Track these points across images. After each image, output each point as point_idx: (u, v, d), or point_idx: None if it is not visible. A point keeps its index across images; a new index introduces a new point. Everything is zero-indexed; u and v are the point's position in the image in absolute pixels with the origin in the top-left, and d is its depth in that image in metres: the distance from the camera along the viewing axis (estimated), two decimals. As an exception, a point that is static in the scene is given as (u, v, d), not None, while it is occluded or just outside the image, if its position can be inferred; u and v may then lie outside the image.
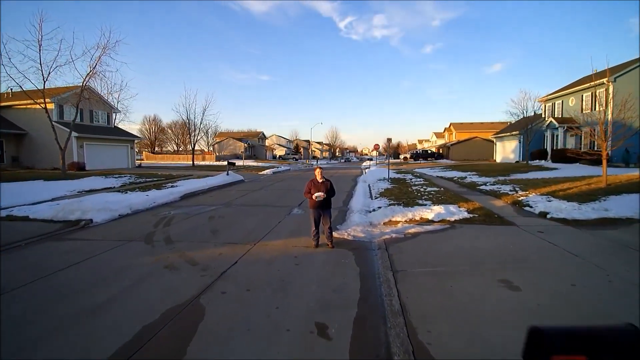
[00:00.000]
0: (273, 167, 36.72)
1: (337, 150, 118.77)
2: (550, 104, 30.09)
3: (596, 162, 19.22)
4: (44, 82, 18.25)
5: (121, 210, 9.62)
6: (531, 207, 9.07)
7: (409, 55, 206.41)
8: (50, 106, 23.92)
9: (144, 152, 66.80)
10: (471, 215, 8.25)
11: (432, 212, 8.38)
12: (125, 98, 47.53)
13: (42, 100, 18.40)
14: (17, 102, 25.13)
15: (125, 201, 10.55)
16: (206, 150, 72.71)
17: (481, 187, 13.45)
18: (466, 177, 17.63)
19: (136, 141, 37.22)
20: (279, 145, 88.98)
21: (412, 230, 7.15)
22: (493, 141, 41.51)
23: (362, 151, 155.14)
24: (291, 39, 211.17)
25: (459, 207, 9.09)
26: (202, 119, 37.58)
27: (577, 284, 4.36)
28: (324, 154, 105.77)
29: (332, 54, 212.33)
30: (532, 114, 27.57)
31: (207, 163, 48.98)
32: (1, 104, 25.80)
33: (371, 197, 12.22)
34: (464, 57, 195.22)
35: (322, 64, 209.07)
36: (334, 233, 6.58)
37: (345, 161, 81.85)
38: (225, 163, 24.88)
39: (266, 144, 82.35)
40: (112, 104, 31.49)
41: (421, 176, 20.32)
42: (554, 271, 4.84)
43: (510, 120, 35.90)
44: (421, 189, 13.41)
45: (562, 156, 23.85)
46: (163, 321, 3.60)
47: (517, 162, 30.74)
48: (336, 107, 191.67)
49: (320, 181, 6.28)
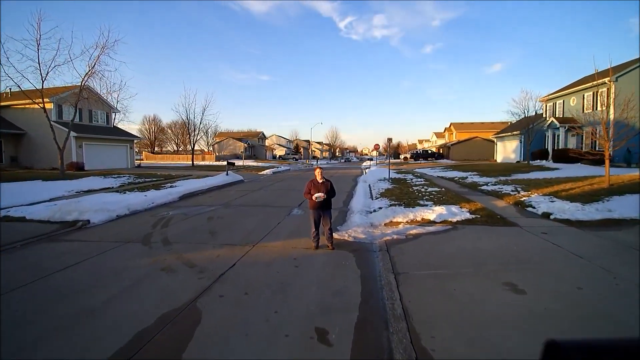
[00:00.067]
0: (273, 167, 36.62)
1: (337, 150, 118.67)
2: (551, 103, 29.99)
3: (597, 162, 19.14)
4: (42, 81, 18.17)
5: (119, 211, 9.53)
6: (534, 207, 8.97)
7: (409, 55, 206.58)
8: (49, 106, 23.83)
9: (143, 152, 66.72)
10: (473, 216, 8.15)
11: (434, 212, 8.28)
12: (124, 98, 47.38)
13: (41, 100, 18.31)
14: (16, 102, 25.04)
15: (123, 202, 10.45)
16: (206, 150, 72.63)
17: (482, 188, 13.35)
18: (467, 177, 17.53)
19: (136, 141, 37.12)
20: (279, 145, 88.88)
21: (414, 232, 7.05)
22: (494, 141, 41.39)
23: (362, 151, 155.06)
24: (291, 39, 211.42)
25: (460, 207, 8.98)
26: (201, 119, 37.56)
27: (583, 286, 4.26)
28: (324, 154, 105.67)
29: (332, 54, 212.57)
30: (533, 113, 27.45)
31: (206, 163, 48.90)
32: (0, 103, 25.71)
33: (372, 197, 12.12)
34: (464, 57, 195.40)
35: (322, 64, 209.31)
36: (334, 234, 6.49)
37: (345, 161, 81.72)
38: (225, 163, 24.79)
39: (266, 144, 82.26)
40: (112, 103, 31.36)
41: (422, 176, 20.22)
42: (559, 273, 4.73)
43: (511, 120, 35.78)
44: (422, 189, 13.31)
45: (563, 156, 23.75)
46: (159, 326, 3.50)
47: (518, 162, 30.64)
48: (336, 107, 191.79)
49: (321, 181, 6.18)
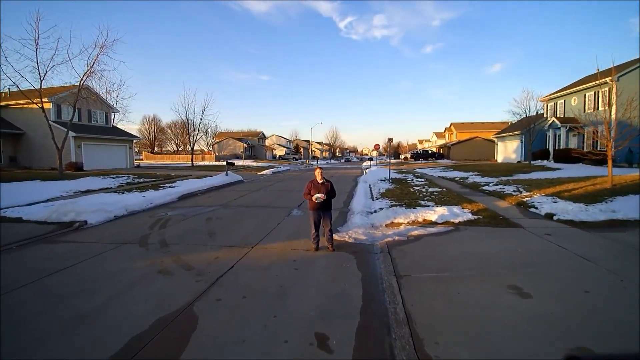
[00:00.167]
0: (273, 167, 36.51)
1: (337, 150, 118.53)
2: (552, 103, 29.86)
3: (599, 162, 19.03)
4: (41, 81, 18.04)
5: (117, 212, 9.42)
6: (537, 208, 8.86)
7: (409, 55, 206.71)
8: (48, 106, 23.77)
9: (143, 152, 66.64)
10: (475, 217, 8.03)
11: (435, 213, 8.16)
12: (124, 97, 47.44)
13: (39, 100, 18.20)
14: (15, 102, 24.90)
15: (121, 202, 10.34)
16: (206, 150, 72.57)
17: (484, 188, 13.23)
18: (468, 178, 17.42)
19: (135, 141, 37.01)
20: (279, 145, 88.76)
21: (415, 233, 6.94)
22: (494, 141, 41.26)
23: (362, 151, 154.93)
24: (291, 39, 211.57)
25: (462, 208, 8.87)
26: (201, 119, 37.43)
27: (591, 290, 4.15)
28: (324, 154, 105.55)
29: (332, 54, 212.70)
30: (534, 113, 27.32)
31: (206, 163, 48.81)
32: (-1, 103, 25.61)
33: (372, 198, 12.01)
34: (464, 57, 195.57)
35: (322, 64, 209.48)
36: (334, 235, 6.38)
37: (345, 161, 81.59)
38: (225, 163, 24.67)
39: (266, 144, 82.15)
40: (111, 103, 31.29)
41: (422, 176, 20.11)
42: (565, 276, 4.62)
43: (511, 120, 35.67)
44: (423, 190, 13.20)
45: (564, 156, 23.63)
46: (154, 331, 3.39)
47: (519, 162, 30.51)
48: (336, 107, 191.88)
49: (321, 182, 6.06)
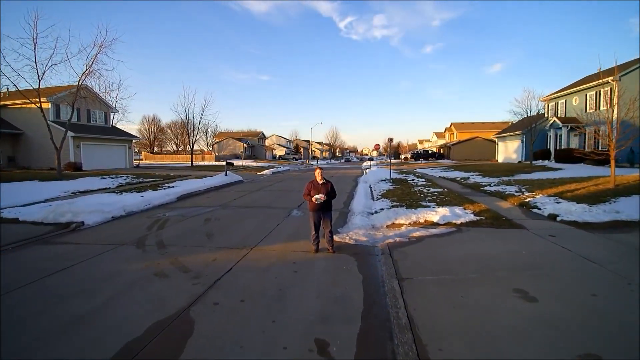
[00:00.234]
0: (272, 167, 36.40)
1: (337, 150, 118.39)
2: (553, 103, 29.74)
3: (601, 162, 18.91)
4: (39, 80, 17.95)
5: (114, 212, 9.31)
6: (539, 209, 8.75)
7: (409, 55, 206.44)
8: (47, 105, 23.67)
9: (143, 152, 66.53)
10: (478, 218, 7.92)
11: (437, 214, 8.05)
12: (123, 97, 47.43)
13: (38, 100, 18.09)
14: (14, 102, 24.77)
15: (119, 202, 10.23)
16: (206, 150, 72.46)
17: (485, 188, 13.12)
18: (469, 178, 17.30)
19: (134, 141, 36.88)
20: (279, 145, 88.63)
21: (417, 234, 6.83)
22: (495, 141, 41.12)
23: (362, 151, 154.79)
24: (291, 39, 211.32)
25: (464, 209, 8.76)
26: (200, 119, 37.29)
27: (598, 293, 4.04)
28: (324, 154, 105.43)
29: (332, 54, 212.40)
30: (535, 113, 27.20)
31: (206, 163, 48.69)
32: (-2, 103, 25.50)
33: (373, 198, 11.90)
34: (464, 57, 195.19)
35: (322, 64, 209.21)
36: (334, 237, 6.27)
37: (345, 161, 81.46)
38: (224, 163, 24.58)
39: (266, 144, 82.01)
40: (110, 103, 31.16)
41: (423, 176, 19.99)
42: (571, 279, 4.51)
43: (512, 119, 35.53)
44: (424, 190, 13.09)
45: (565, 156, 23.50)
46: (148, 336, 3.28)
47: (519, 162, 30.39)
48: (336, 107, 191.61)
49: (321, 182, 5.95)
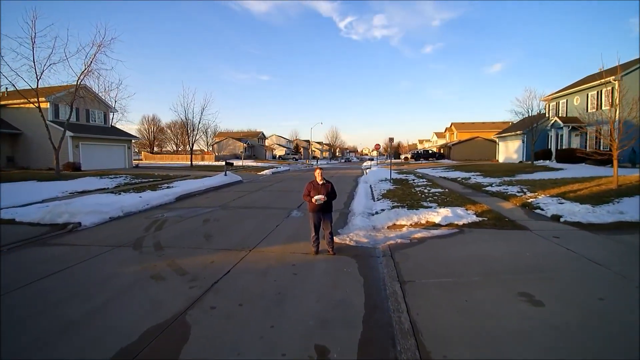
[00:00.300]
0: (272, 167, 36.29)
1: (337, 150, 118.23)
2: (554, 103, 29.62)
3: (602, 162, 18.76)
4: (38, 80, 17.85)
5: (112, 213, 9.21)
6: (542, 209, 8.64)
7: (409, 55, 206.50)
8: (45, 105, 23.55)
9: (142, 152, 66.42)
10: (480, 219, 7.81)
11: (439, 215, 7.94)
12: (122, 97, 47.35)
13: (37, 99, 17.99)
14: (12, 102, 24.67)
15: (117, 203, 10.11)
16: (205, 150, 72.35)
17: (487, 189, 13.00)
18: (470, 178, 17.19)
19: (134, 141, 36.77)
20: (279, 145, 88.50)
21: (419, 235, 6.72)
22: (495, 141, 40.99)
23: (362, 151, 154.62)
24: (291, 39, 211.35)
25: (466, 209, 8.65)
26: (200, 119, 37.18)
27: (605, 297, 3.94)
28: (324, 154, 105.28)
29: (332, 54, 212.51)
30: (536, 113, 27.09)
31: (206, 163, 48.58)
32: (-3, 103, 25.39)
33: (373, 198, 11.79)
34: (464, 57, 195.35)
35: (322, 64, 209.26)
36: (335, 238, 6.16)
37: (345, 161, 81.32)
38: (224, 163, 24.46)
39: (266, 144, 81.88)
40: (109, 103, 31.04)
41: (424, 177, 19.88)
42: (577, 282, 4.41)
43: (513, 119, 35.44)
44: (425, 190, 12.98)
45: (567, 156, 23.37)
46: (143, 342, 3.18)
47: (520, 162, 30.27)
48: (336, 107, 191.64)
49: (321, 183, 5.84)
